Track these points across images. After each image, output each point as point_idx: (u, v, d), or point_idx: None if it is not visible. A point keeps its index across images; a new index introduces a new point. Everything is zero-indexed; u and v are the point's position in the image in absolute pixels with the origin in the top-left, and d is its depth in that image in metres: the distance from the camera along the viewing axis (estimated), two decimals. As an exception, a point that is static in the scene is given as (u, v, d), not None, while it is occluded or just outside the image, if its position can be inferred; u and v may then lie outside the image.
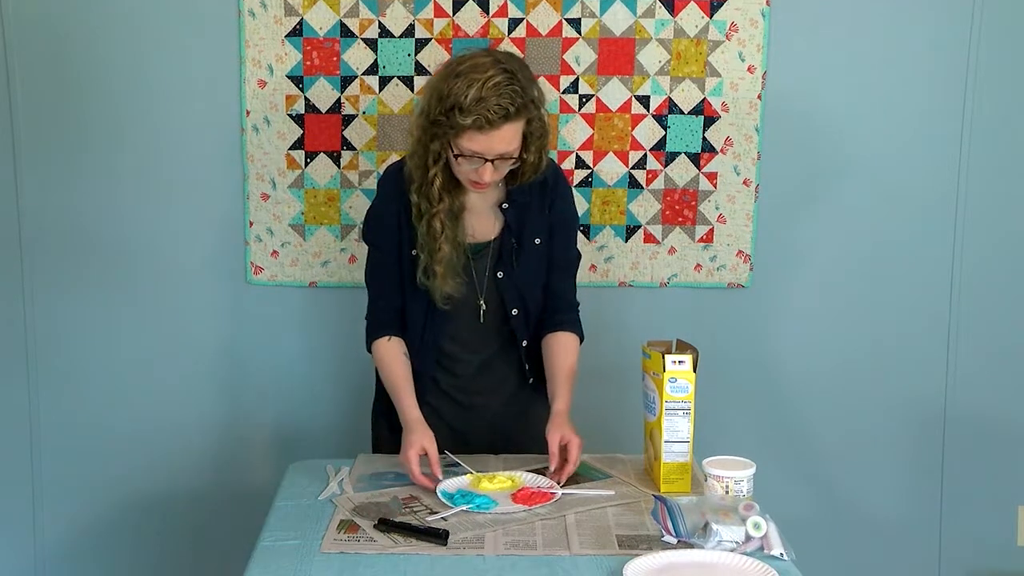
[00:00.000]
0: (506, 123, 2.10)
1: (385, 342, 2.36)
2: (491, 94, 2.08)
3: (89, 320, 3.06)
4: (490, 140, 2.12)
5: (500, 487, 2.16)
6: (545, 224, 2.34)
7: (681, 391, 2.15)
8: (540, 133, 2.20)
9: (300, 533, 1.98)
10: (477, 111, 2.08)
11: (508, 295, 2.34)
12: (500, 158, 2.15)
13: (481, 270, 2.33)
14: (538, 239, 2.34)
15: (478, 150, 2.13)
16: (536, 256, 2.34)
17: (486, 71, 2.09)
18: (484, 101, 2.07)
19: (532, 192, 2.32)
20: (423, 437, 2.22)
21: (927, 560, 3.17)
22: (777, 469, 2.44)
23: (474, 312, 2.35)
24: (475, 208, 2.32)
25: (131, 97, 2.96)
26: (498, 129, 2.10)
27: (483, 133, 2.10)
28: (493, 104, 2.08)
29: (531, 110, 2.14)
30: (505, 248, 2.33)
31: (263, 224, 3.02)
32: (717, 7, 2.91)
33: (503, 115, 2.09)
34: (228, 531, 3.00)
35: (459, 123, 2.09)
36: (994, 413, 3.12)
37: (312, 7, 2.90)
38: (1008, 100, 3.00)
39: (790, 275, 3.05)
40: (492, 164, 2.15)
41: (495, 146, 2.13)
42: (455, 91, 2.09)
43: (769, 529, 1.88)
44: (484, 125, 2.09)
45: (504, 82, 2.09)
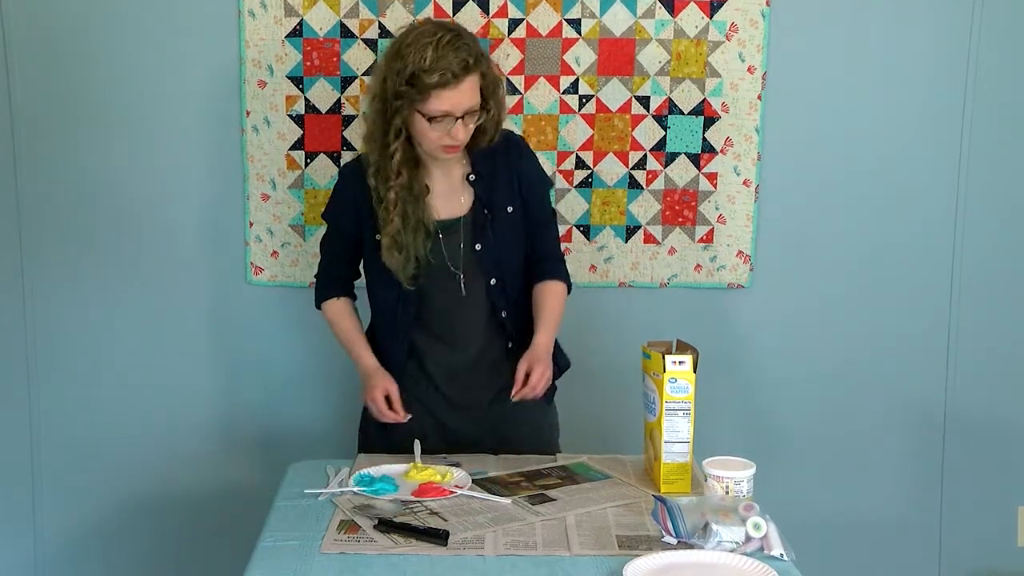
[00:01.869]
0: (467, 75, 2.20)
1: (334, 302, 2.51)
2: (447, 51, 2.18)
3: (89, 320, 3.06)
4: (458, 95, 2.20)
5: (423, 478, 2.20)
6: (515, 191, 2.39)
7: (681, 391, 2.15)
8: (494, 85, 2.29)
9: (300, 533, 1.98)
10: (440, 68, 2.17)
11: (486, 266, 2.37)
12: (468, 114, 2.23)
13: (455, 245, 2.36)
14: (510, 207, 2.38)
15: (448, 108, 2.20)
16: (509, 224, 2.39)
17: (434, 34, 2.21)
18: (443, 58, 2.17)
19: (496, 161, 2.38)
20: (385, 379, 2.38)
21: (927, 561, 3.17)
22: (777, 470, 2.45)
23: (454, 287, 2.37)
24: (440, 187, 2.37)
25: (131, 97, 2.96)
26: (462, 82, 2.19)
27: (449, 89, 2.19)
28: (452, 59, 2.18)
29: (483, 63, 2.25)
30: (478, 220, 2.36)
31: (263, 224, 3.02)
32: (717, 7, 2.91)
33: (463, 67, 2.19)
34: (228, 531, 3.00)
35: (426, 84, 2.17)
36: (994, 414, 3.12)
37: (312, 8, 2.91)
38: (1008, 101, 3.00)
39: (790, 276, 3.05)
40: (462, 121, 2.22)
41: (463, 101, 2.21)
42: (411, 59, 2.19)
43: (769, 529, 1.89)
44: (450, 80, 2.18)
45: (454, 38, 2.20)
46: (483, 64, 2.24)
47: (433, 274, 2.36)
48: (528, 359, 2.33)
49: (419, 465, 2.26)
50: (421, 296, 2.38)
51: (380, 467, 2.26)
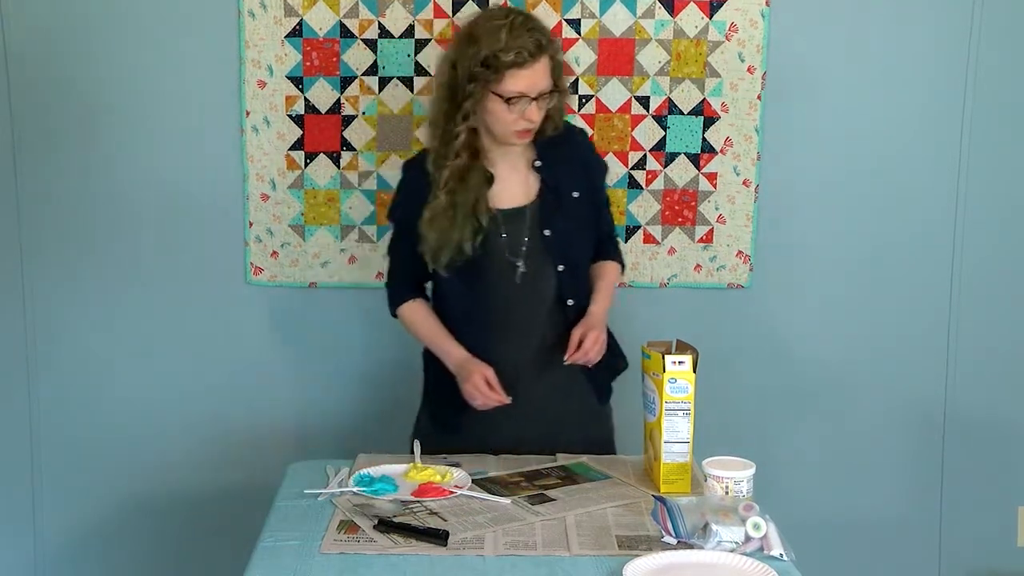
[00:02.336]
0: (541, 55, 2.22)
1: (410, 304, 2.46)
2: (521, 31, 2.21)
3: (88, 320, 3.06)
4: (533, 75, 2.22)
5: (423, 478, 2.20)
6: (581, 177, 2.41)
7: (681, 391, 2.15)
8: (560, 72, 2.31)
9: (300, 533, 1.98)
10: (515, 47, 2.19)
11: (554, 252, 2.37)
12: (541, 95, 2.24)
13: (519, 233, 2.35)
14: (576, 192, 2.39)
15: (523, 88, 2.22)
16: (577, 209, 2.39)
17: (506, 16, 2.24)
18: (519, 38, 2.20)
19: (561, 148, 2.39)
20: (480, 365, 2.32)
21: (927, 561, 3.17)
22: (777, 470, 2.45)
23: (510, 278, 2.36)
24: (503, 175, 2.36)
25: (131, 97, 2.97)
26: (537, 62, 2.21)
27: (525, 68, 2.21)
28: (527, 39, 2.20)
29: (553, 46, 2.27)
30: (546, 206, 2.37)
31: (263, 225, 3.02)
32: (717, 8, 2.91)
33: (538, 46, 2.21)
34: (228, 531, 2.99)
35: (502, 63, 2.19)
36: (994, 414, 3.12)
37: (312, 8, 2.91)
38: (1008, 101, 3.00)
39: (790, 276, 3.06)
40: (536, 103, 2.24)
41: (537, 81, 2.23)
42: (486, 42, 2.21)
43: (769, 530, 1.88)
44: (526, 59, 2.20)
45: (526, 19, 2.25)
46: (553, 47, 2.27)
47: (490, 266, 2.35)
48: (583, 325, 2.34)
49: (419, 465, 2.26)
50: (480, 287, 2.37)
51: (380, 467, 2.26)
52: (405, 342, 3.07)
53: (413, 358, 3.11)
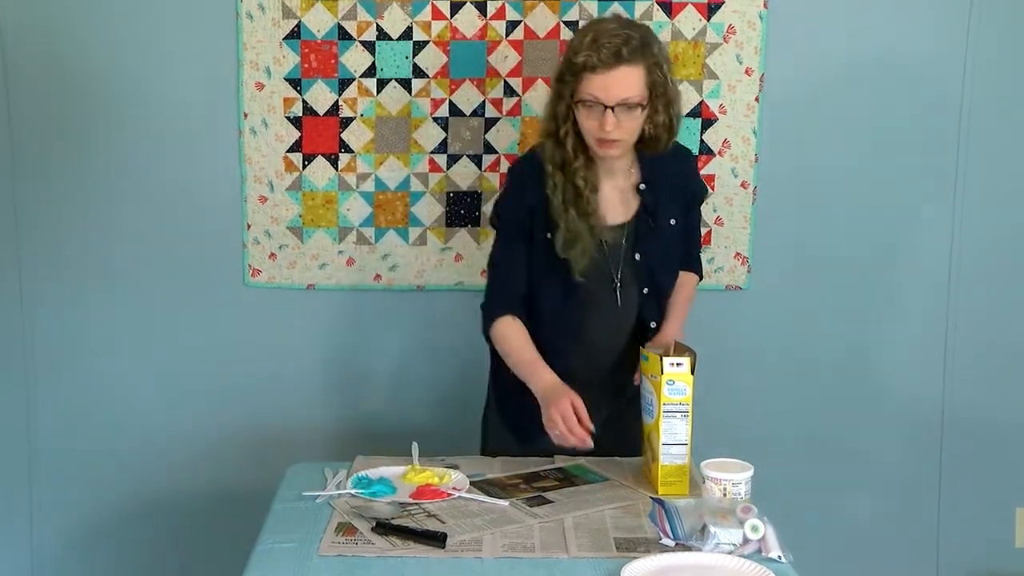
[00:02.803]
0: (619, 64, 2.16)
1: (509, 320, 2.33)
2: (603, 36, 2.17)
3: (86, 322, 3.06)
4: (607, 80, 2.16)
5: (421, 480, 2.20)
6: (680, 203, 2.40)
7: (679, 393, 2.15)
8: (664, 90, 2.23)
9: (298, 536, 1.98)
10: (589, 50, 2.16)
11: (641, 276, 2.37)
12: (621, 105, 2.18)
13: (616, 252, 2.35)
14: (673, 220, 2.39)
15: (596, 93, 2.18)
16: (671, 236, 2.40)
17: (603, 23, 2.25)
18: (597, 42, 2.17)
19: (667, 171, 2.36)
20: (571, 394, 2.20)
21: (925, 562, 3.17)
22: (775, 471, 2.44)
23: (611, 294, 2.35)
24: (605, 190, 2.34)
25: (129, 99, 2.96)
26: (612, 69, 2.16)
27: (597, 74, 2.16)
28: (605, 42, 2.16)
29: (648, 58, 2.19)
30: (641, 229, 2.35)
31: (261, 226, 3.02)
32: (715, 9, 2.91)
33: (614, 52, 2.15)
34: (226, 534, 2.99)
35: (575, 64, 2.18)
36: (992, 415, 3.12)
37: (310, 9, 2.91)
38: (1005, 101, 3.00)
39: (788, 277, 3.06)
40: (613, 112, 2.17)
41: (612, 89, 2.17)
42: (575, 43, 2.22)
43: (767, 531, 1.89)
44: (597, 64, 2.15)
45: (617, 28, 2.19)
46: (647, 58, 2.19)
47: (593, 277, 2.32)
48: (654, 344, 2.32)
49: (417, 467, 2.26)
50: (581, 298, 2.33)
51: (378, 469, 2.26)
52: (402, 344, 3.09)
53: (410, 360, 3.12)
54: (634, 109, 2.20)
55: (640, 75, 2.19)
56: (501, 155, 2.97)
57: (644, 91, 2.20)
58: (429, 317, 3.04)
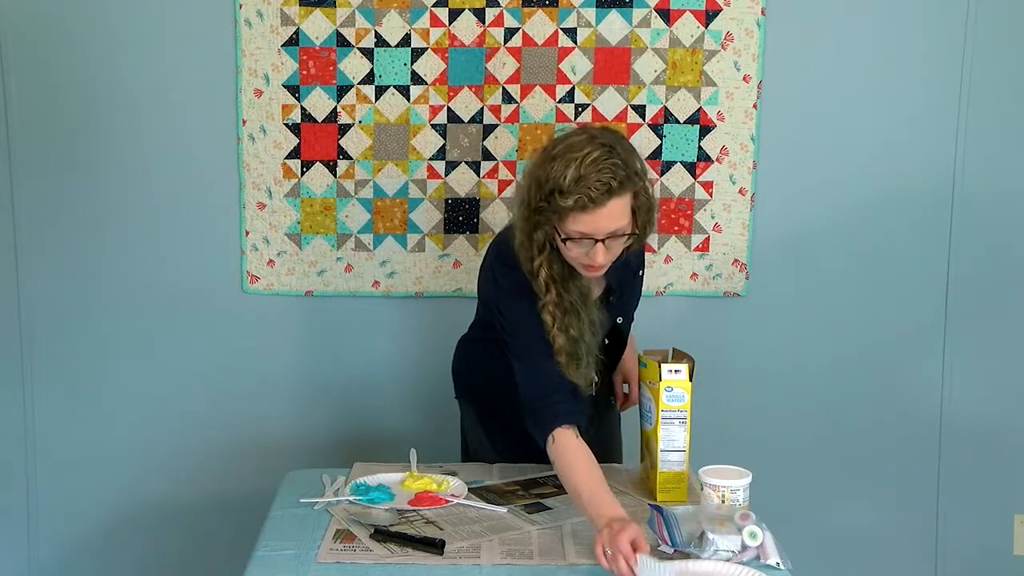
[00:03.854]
0: (610, 199, 2.00)
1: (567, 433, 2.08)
2: (591, 171, 1.98)
3: (85, 329, 3.06)
4: (596, 219, 2.02)
5: (419, 487, 2.21)
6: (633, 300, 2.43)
7: (677, 400, 2.15)
8: (647, 207, 2.11)
9: (296, 543, 1.98)
10: (578, 191, 1.98)
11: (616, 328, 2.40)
12: (611, 236, 2.05)
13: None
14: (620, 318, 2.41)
15: (586, 231, 2.03)
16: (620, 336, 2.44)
17: (582, 149, 2.01)
18: (584, 179, 1.98)
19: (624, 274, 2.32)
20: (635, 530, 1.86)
21: (923, 569, 3.17)
22: (773, 478, 2.44)
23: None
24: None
25: (128, 105, 2.97)
26: (602, 207, 2.00)
27: (588, 213, 2.00)
28: (594, 181, 1.98)
29: (635, 182, 2.05)
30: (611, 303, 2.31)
31: (259, 233, 3.02)
32: (712, 17, 2.92)
33: (606, 191, 1.99)
34: (224, 541, 3.00)
35: (561, 206, 2.00)
36: (990, 422, 3.12)
37: (308, 17, 2.91)
38: (1002, 109, 3.00)
39: (786, 284, 3.06)
40: (603, 244, 2.05)
41: (602, 224, 2.03)
42: (553, 174, 2.01)
43: (765, 538, 1.89)
44: (587, 204, 1.99)
45: (603, 156, 2.00)
46: (634, 183, 2.04)
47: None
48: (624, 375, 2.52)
49: (415, 474, 2.26)
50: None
51: (376, 476, 2.26)
52: (401, 351, 3.09)
53: (409, 366, 3.12)
54: (621, 237, 2.08)
55: (628, 202, 2.05)
56: (499, 162, 2.97)
57: (631, 215, 2.07)
58: (427, 324, 3.04)
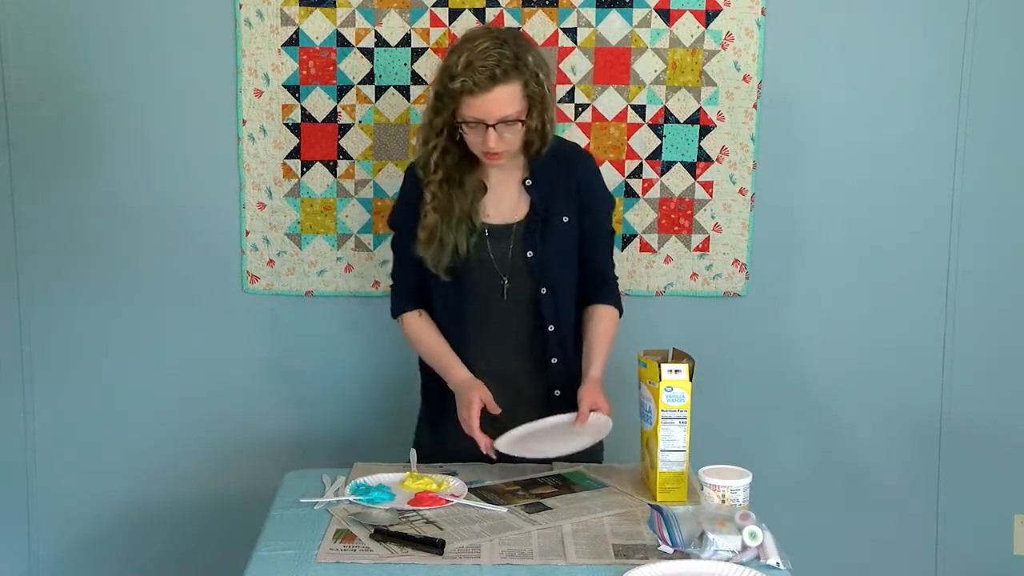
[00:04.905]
0: (495, 85, 2.19)
1: (416, 317, 2.45)
2: (477, 58, 2.19)
3: (85, 329, 3.06)
4: (484, 103, 2.20)
5: (419, 487, 2.20)
6: (573, 202, 2.39)
7: (677, 400, 2.15)
8: (540, 98, 2.26)
9: (296, 543, 1.98)
10: (464, 75, 2.19)
11: (536, 275, 2.37)
12: (502, 122, 2.22)
13: (503, 250, 2.37)
14: (566, 217, 2.38)
15: (477, 115, 2.22)
16: (564, 234, 2.39)
17: (475, 39, 2.23)
18: (471, 65, 2.19)
19: (557, 170, 2.38)
20: (479, 389, 2.29)
21: (923, 570, 3.17)
22: (773, 478, 2.45)
23: (497, 292, 2.38)
24: (497, 190, 2.38)
25: (128, 106, 2.97)
26: (488, 92, 2.19)
27: (475, 97, 2.20)
28: (479, 66, 2.18)
29: (523, 72, 2.22)
30: (532, 227, 2.37)
31: (259, 233, 3.02)
32: (712, 17, 2.92)
33: (489, 76, 2.18)
34: (224, 540, 2.99)
35: (452, 89, 2.21)
36: (990, 422, 3.12)
37: (308, 17, 2.91)
38: (1003, 108, 3.00)
39: (786, 284, 3.06)
40: (495, 130, 2.22)
41: (491, 109, 2.21)
42: (449, 61, 2.24)
43: (765, 538, 1.88)
44: (473, 88, 2.19)
45: (491, 47, 2.20)
46: (522, 73, 2.22)
47: (479, 276, 2.37)
48: (590, 397, 2.29)
49: (415, 474, 2.26)
50: (468, 295, 2.38)
51: (376, 476, 2.26)
52: (402, 351, 3.07)
53: (409, 366, 3.11)
54: (514, 124, 2.25)
55: (517, 91, 2.23)
56: (499, 162, 2.97)
57: (523, 104, 2.24)
58: (427, 324, 3.04)
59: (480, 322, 2.40)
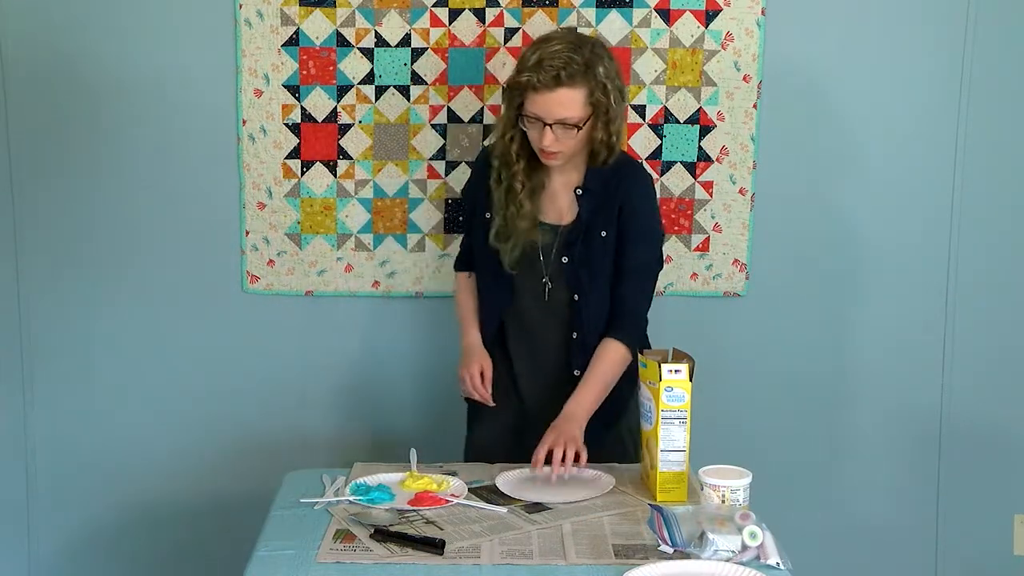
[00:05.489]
0: (559, 87, 2.25)
1: (464, 277, 2.60)
2: (548, 58, 2.25)
3: (84, 328, 3.06)
4: (546, 102, 2.26)
5: (419, 487, 2.21)
6: (614, 217, 2.40)
7: (677, 400, 2.15)
8: (606, 110, 2.31)
9: (296, 543, 1.98)
10: (532, 71, 2.26)
11: (570, 281, 2.42)
12: (560, 124, 2.27)
13: (548, 251, 2.42)
14: (604, 232, 2.40)
15: (537, 112, 2.28)
16: (601, 248, 2.41)
17: (551, 40, 2.31)
18: (541, 63, 2.25)
19: (608, 183, 2.40)
20: (483, 357, 2.46)
21: (923, 570, 3.17)
22: (773, 478, 2.45)
23: (540, 289, 2.45)
24: (553, 191, 2.43)
25: (128, 106, 2.97)
26: (551, 91, 2.25)
27: (539, 94, 2.26)
28: (548, 66, 2.24)
29: (589, 81, 2.27)
30: (573, 234, 2.41)
31: (259, 233, 3.02)
32: (712, 17, 2.92)
33: (553, 76, 2.24)
34: (224, 541, 2.99)
35: (520, 83, 2.28)
36: (990, 422, 3.12)
37: (308, 17, 2.91)
38: (1004, 105, 3.00)
39: (786, 284, 3.06)
40: (551, 129, 2.27)
41: (552, 109, 2.26)
42: (524, 56, 2.31)
43: (765, 538, 1.88)
44: (537, 85, 2.25)
45: (563, 50, 2.26)
46: (588, 81, 2.27)
47: (526, 270, 2.43)
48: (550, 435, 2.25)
49: (415, 474, 2.26)
50: (514, 287, 2.45)
51: (376, 476, 2.26)
52: (401, 351, 3.09)
53: (409, 367, 3.12)
54: (572, 128, 2.29)
55: (580, 97, 2.27)
56: (499, 162, 2.97)
57: (584, 111, 2.29)
58: (428, 323, 3.04)
59: (524, 315, 2.47)
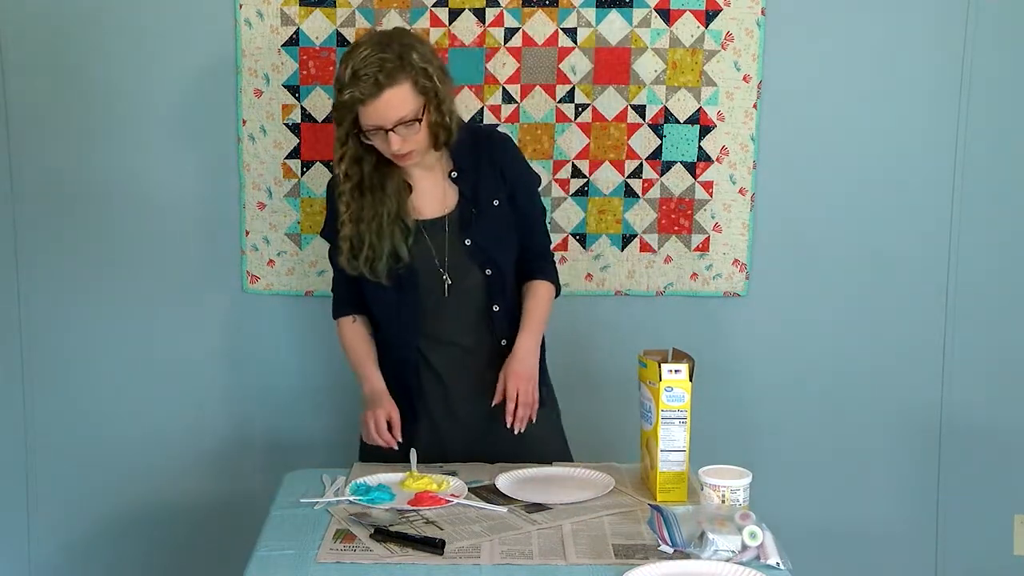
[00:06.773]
0: (382, 91, 2.20)
1: (349, 323, 2.47)
2: (361, 67, 2.19)
3: (85, 329, 3.06)
4: (378, 109, 2.21)
5: (419, 487, 2.21)
6: (499, 184, 2.40)
7: (677, 400, 2.15)
8: (435, 92, 2.26)
9: (296, 543, 1.98)
10: (351, 86, 2.20)
11: (479, 260, 2.37)
12: (400, 124, 2.23)
13: (440, 243, 2.37)
14: (496, 200, 2.39)
15: (374, 122, 2.23)
16: (497, 217, 2.39)
17: (358, 47, 2.24)
18: (356, 74, 2.20)
19: (479, 156, 2.39)
20: (391, 405, 2.36)
21: (924, 569, 3.17)
22: (773, 478, 2.45)
23: (438, 286, 2.38)
24: (422, 186, 2.39)
25: (128, 105, 2.97)
26: (377, 98, 2.20)
27: (367, 105, 2.21)
28: (362, 75, 2.19)
29: (409, 72, 2.22)
30: (465, 216, 2.38)
31: (259, 233, 3.02)
32: (712, 17, 2.92)
33: (373, 83, 2.19)
34: (224, 540, 2.99)
35: (344, 102, 2.22)
36: (990, 422, 3.12)
37: (308, 17, 2.91)
38: (1003, 109, 3.00)
39: (786, 284, 3.06)
40: (395, 133, 2.23)
41: (386, 114, 2.22)
42: (339, 74, 2.25)
43: (765, 538, 1.88)
44: (361, 97, 2.20)
45: (372, 54, 2.20)
46: (407, 73, 2.22)
47: (424, 274, 2.37)
48: (507, 373, 2.33)
49: (415, 474, 2.26)
50: (413, 295, 2.37)
51: (376, 476, 2.26)
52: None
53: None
54: (413, 123, 2.25)
55: (407, 91, 2.22)
56: (499, 162, 2.97)
57: (417, 102, 2.24)
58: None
59: (426, 321, 2.40)
